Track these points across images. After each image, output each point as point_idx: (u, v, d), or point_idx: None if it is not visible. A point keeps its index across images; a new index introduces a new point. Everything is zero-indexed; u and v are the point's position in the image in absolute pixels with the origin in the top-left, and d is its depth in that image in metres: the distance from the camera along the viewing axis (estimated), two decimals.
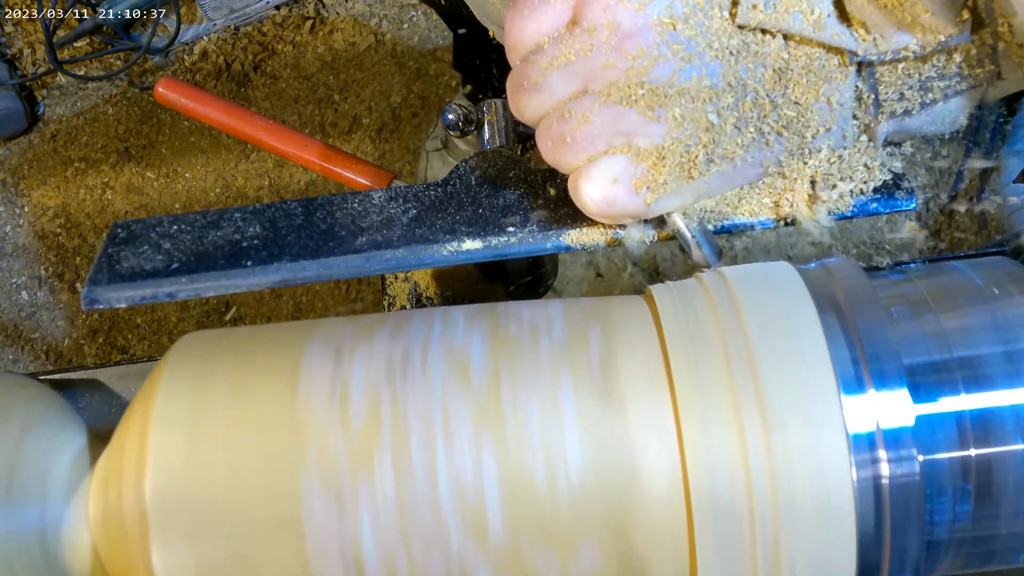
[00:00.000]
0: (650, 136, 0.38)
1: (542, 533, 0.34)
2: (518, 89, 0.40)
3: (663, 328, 0.37)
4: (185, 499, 0.35)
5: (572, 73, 0.38)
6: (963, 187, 1.22)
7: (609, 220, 0.41)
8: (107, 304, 0.43)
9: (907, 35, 0.39)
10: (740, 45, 0.38)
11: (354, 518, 0.34)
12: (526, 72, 0.39)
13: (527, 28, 0.39)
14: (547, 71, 0.38)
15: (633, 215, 0.40)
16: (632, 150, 0.38)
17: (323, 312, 1.32)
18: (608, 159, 0.39)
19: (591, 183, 0.39)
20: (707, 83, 0.38)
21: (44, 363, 1.34)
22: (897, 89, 0.40)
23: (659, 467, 0.34)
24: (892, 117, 0.40)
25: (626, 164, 0.38)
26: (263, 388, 0.37)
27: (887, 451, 0.33)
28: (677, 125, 0.38)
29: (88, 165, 1.44)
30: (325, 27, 1.46)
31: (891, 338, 0.35)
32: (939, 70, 0.40)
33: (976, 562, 0.37)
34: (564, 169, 0.40)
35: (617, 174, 0.38)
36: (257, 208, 0.47)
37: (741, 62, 0.38)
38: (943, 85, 0.40)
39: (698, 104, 0.38)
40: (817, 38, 0.38)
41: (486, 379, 0.36)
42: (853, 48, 0.39)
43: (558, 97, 0.39)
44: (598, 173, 0.39)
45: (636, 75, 0.37)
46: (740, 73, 0.38)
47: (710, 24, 0.38)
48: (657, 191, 0.39)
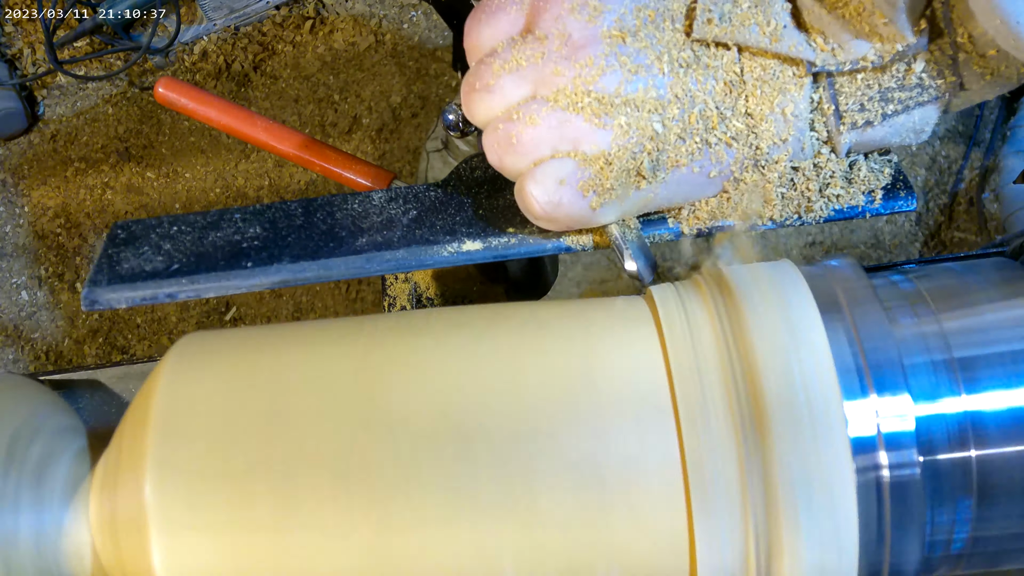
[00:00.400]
0: (596, 143, 0.38)
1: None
2: (471, 89, 0.41)
3: (663, 329, 0.37)
4: (185, 499, 0.35)
5: (522, 78, 0.39)
6: (963, 187, 1.22)
7: (553, 225, 0.41)
8: (107, 305, 0.43)
9: (865, 44, 0.39)
10: (691, 58, 0.39)
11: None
12: (479, 73, 0.40)
13: (484, 32, 0.41)
14: (498, 74, 0.39)
15: (578, 220, 0.40)
16: (579, 155, 0.39)
17: (323, 312, 1.31)
18: (555, 162, 0.39)
19: (537, 184, 0.39)
20: (653, 94, 0.38)
21: (44, 363, 1.34)
22: (857, 100, 0.40)
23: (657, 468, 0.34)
24: (854, 128, 0.41)
25: (573, 167, 0.39)
26: (263, 388, 0.37)
27: (887, 452, 0.33)
28: (623, 133, 0.38)
29: (88, 165, 1.44)
30: (325, 27, 1.46)
31: (891, 338, 0.35)
32: (899, 80, 0.40)
33: (976, 563, 0.37)
34: (508, 172, 0.41)
35: (564, 176, 0.39)
36: (257, 208, 0.47)
37: (691, 74, 0.39)
38: (904, 96, 0.40)
39: (643, 113, 0.38)
40: (773, 49, 0.39)
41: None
42: (811, 58, 0.39)
43: (508, 100, 0.40)
44: (544, 175, 0.39)
45: (584, 83, 0.38)
46: (689, 85, 0.39)
47: (661, 36, 0.39)
48: (603, 196, 0.39)
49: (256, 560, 0.35)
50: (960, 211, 1.22)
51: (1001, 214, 1.16)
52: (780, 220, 0.43)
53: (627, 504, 0.34)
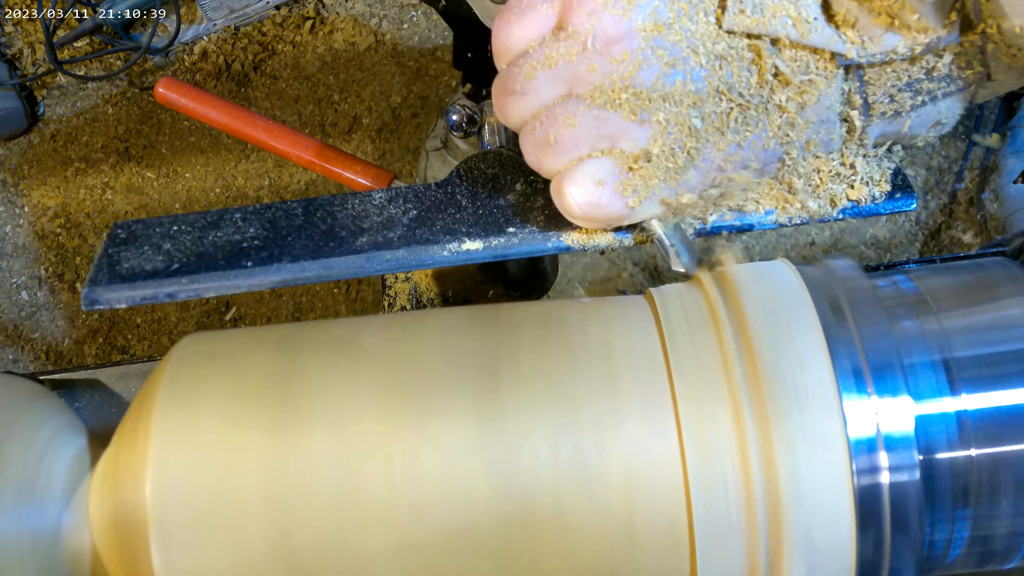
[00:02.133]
0: (635, 140, 0.38)
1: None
2: (503, 93, 0.40)
3: (663, 329, 0.37)
4: (185, 500, 0.35)
5: (557, 77, 0.38)
6: (963, 187, 1.22)
7: (592, 224, 0.41)
8: (107, 304, 0.43)
9: (895, 37, 0.39)
10: (726, 50, 0.38)
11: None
12: (512, 76, 0.40)
13: (514, 33, 0.40)
14: (532, 75, 0.39)
15: (616, 219, 0.40)
16: (616, 153, 0.38)
17: (323, 312, 1.32)
18: (593, 162, 0.39)
19: (576, 185, 0.39)
20: (691, 87, 0.38)
21: (44, 363, 1.34)
22: (886, 91, 0.40)
23: (658, 470, 0.34)
24: (882, 119, 0.41)
25: (611, 167, 0.38)
26: (263, 389, 0.37)
27: (887, 451, 0.33)
28: (662, 129, 0.38)
29: (88, 165, 1.44)
30: (325, 27, 1.46)
31: (891, 339, 0.35)
32: (928, 72, 0.40)
33: (976, 562, 0.37)
34: (547, 173, 0.40)
35: (602, 176, 0.39)
36: (257, 208, 0.47)
37: (726, 67, 0.38)
38: (932, 87, 0.40)
39: (682, 108, 0.38)
40: (804, 42, 0.38)
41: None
42: (841, 51, 0.39)
43: (543, 101, 0.39)
44: (582, 175, 0.39)
45: (621, 79, 0.38)
46: (725, 78, 0.38)
47: (695, 29, 0.38)
48: (641, 194, 0.39)
49: (256, 560, 0.35)
50: (960, 211, 1.22)
51: (1001, 214, 1.16)
52: (790, 218, 0.43)
53: (627, 507, 0.34)
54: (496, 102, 0.41)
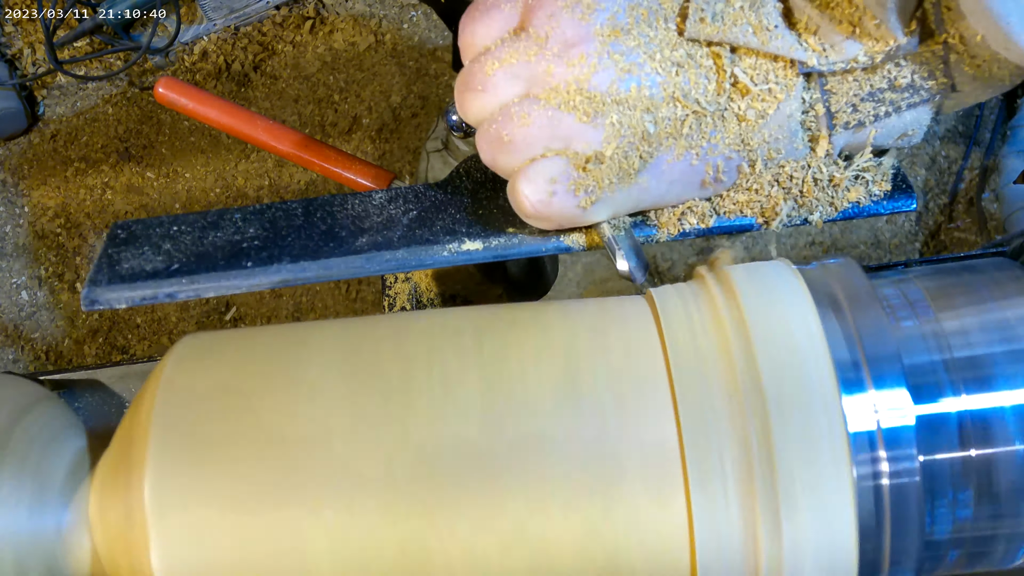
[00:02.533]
0: (587, 141, 0.38)
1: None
2: (464, 88, 0.40)
3: (663, 329, 0.37)
4: (185, 500, 0.35)
5: (515, 76, 0.39)
6: (963, 187, 1.22)
7: (545, 224, 0.41)
8: (107, 304, 0.43)
9: (856, 44, 0.39)
10: (684, 57, 0.39)
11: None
12: (473, 72, 0.40)
13: (477, 30, 0.40)
14: (491, 72, 0.39)
15: (569, 219, 0.40)
16: (570, 154, 0.39)
17: (323, 312, 1.32)
18: (547, 161, 0.39)
19: (529, 183, 0.39)
20: (646, 93, 0.38)
21: (44, 363, 1.34)
22: (849, 100, 0.40)
23: (656, 467, 0.34)
24: (846, 129, 0.41)
25: (564, 166, 0.39)
26: (263, 389, 0.37)
27: (887, 451, 0.33)
28: (615, 132, 0.38)
29: (88, 165, 1.44)
30: (325, 27, 1.46)
31: (891, 338, 0.35)
32: (890, 82, 0.40)
33: (976, 562, 0.37)
34: (501, 170, 0.41)
35: (554, 175, 0.39)
36: (257, 208, 0.47)
37: (683, 74, 0.39)
38: (895, 97, 0.40)
39: (636, 112, 0.38)
40: (766, 49, 0.39)
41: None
42: (802, 58, 0.39)
43: (501, 99, 0.39)
44: (536, 173, 0.39)
45: (576, 82, 0.38)
46: (682, 84, 0.39)
47: (654, 35, 0.39)
48: (594, 195, 0.39)
49: (256, 561, 0.35)
50: (960, 211, 1.22)
51: (1001, 214, 1.16)
52: (780, 221, 0.43)
53: (626, 501, 0.34)
54: (457, 97, 0.41)
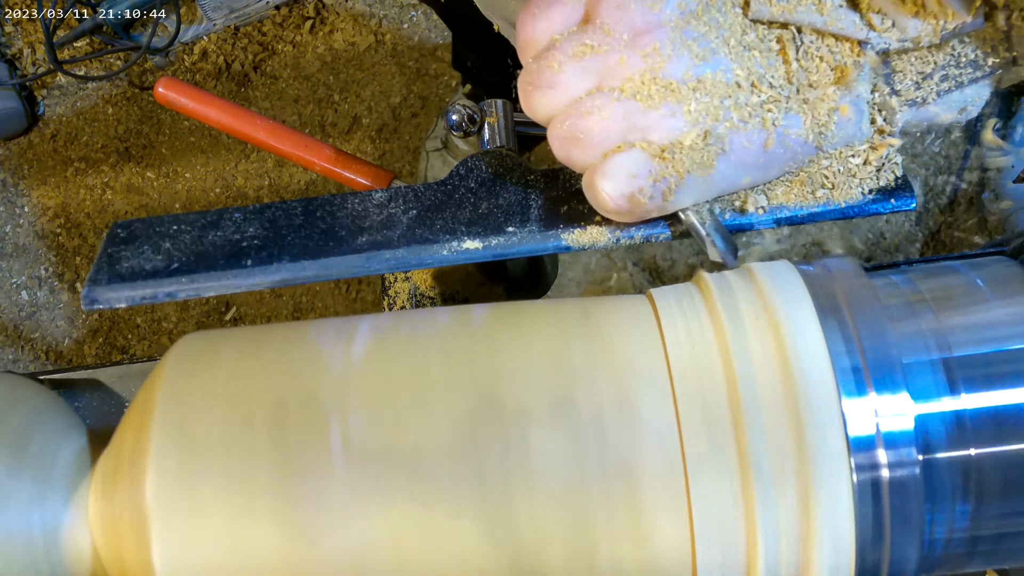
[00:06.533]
0: (666, 131, 0.38)
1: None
2: (530, 87, 0.39)
3: (663, 329, 0.37)
4: (186, 499, 0.35)
5: (585, 70, 0.38)
6: (963, 187, 1.22)
7: (625, 217, 0.40)
8: (107, 304, 0.43)
9: (921, 23, 0.38)
10: (754, 40, 0.38)
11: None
12: (539, 70, 0.39)
13: (539, 26, 0.39)
14: (560, 69, 0.38)
15: (651, 211, 0.40)
16: (647, 145, 0.38)
17: (323, 312, 1.32)
18: (625, 155, 0.38)
19: (608, 179, 0.38)
20: (722, 78, 0.38)
21: (44, 363, 1.34)
22: (912, 78, 0.40)
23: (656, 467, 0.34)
24: (910, 106, 0.40)
25: (643, 159, 0.38)
26: (263, 388, 0.37)
27: (887, 451, 0.33)
28: (693, 120, 0.38)
29: (88, 165, 1.44)
30: (325, 27, 1.46)
31: (891, 338, 0.35)
32: (955, 58, 0.39)
33: (976, 561, 0.37)
34: (577, 167, 0.40)
35: (635, 169, 0.38)
36: (257, 208, 0.47)
37: (755, 57, 0.38)
38: (958, 73, 0.40)
39: (713, 99, 0.38)
40: (830, 29, 0.38)
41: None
42: (867, 38, 0.39)
43: (571, 94, 0.39)
44: (615, 169, 0.38)
45: (650, 71, 0.37)
46: (755, 68, 0.38)
47: (723, 20, 0.38)
48: (676, 185, 0.39)
49: (257, 560, 0.35)
50: (960, 211, 1.22)
51: (1001, 214, 1.16)
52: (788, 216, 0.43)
53: (625, 501, 0.34)
54: (523, 96, 0.40)
